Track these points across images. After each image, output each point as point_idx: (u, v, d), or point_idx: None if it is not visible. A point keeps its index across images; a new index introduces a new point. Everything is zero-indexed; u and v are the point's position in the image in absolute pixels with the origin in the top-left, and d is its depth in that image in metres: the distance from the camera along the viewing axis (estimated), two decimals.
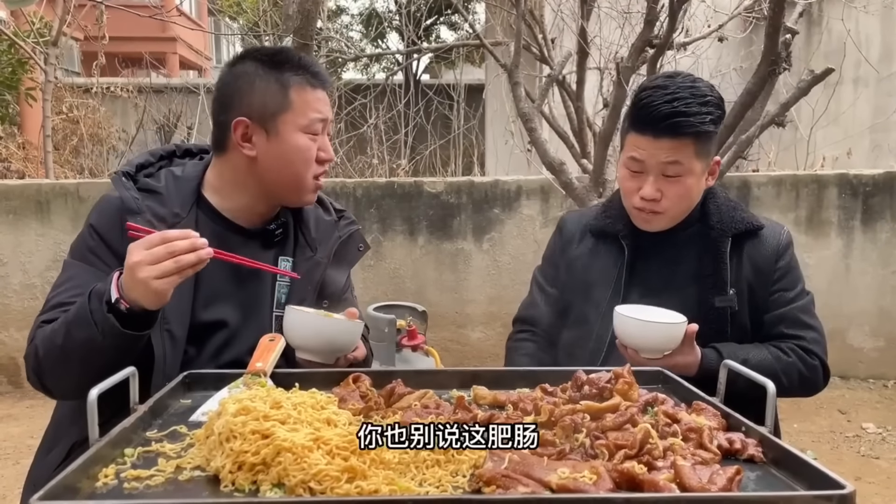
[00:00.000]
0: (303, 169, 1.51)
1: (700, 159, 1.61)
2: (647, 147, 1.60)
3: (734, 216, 1.70)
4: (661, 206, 1.64)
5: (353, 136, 6.98)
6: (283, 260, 1.60)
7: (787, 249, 1.71)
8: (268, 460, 0.88)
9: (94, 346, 1.26)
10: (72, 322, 1.30)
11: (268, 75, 1.49)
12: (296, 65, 1.50)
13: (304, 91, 1.49)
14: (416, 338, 2.59)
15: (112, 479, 0.90)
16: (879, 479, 3.35)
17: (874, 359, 4.56)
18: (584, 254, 1.78)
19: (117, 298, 1.25)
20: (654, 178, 1.62)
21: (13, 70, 7.09)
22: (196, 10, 17.88)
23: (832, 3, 5.40)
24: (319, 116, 1.50)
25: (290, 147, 1.49)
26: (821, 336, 1.69)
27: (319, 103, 1.51)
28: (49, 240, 4.32)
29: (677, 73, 1.70)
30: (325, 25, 6.86)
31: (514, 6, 3.44)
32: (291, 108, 1.48)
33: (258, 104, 1.48)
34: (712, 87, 1.65)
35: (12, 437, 3.71)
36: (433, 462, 0.94)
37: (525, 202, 4.50)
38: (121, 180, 1.48)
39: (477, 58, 10.47)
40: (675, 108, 1.56)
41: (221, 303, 1.51)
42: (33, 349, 1.37)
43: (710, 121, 1.59)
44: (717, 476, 0.89)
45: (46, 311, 1.41)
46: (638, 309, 1.52)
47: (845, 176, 4.52)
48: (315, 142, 1.51)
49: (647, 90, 1.62)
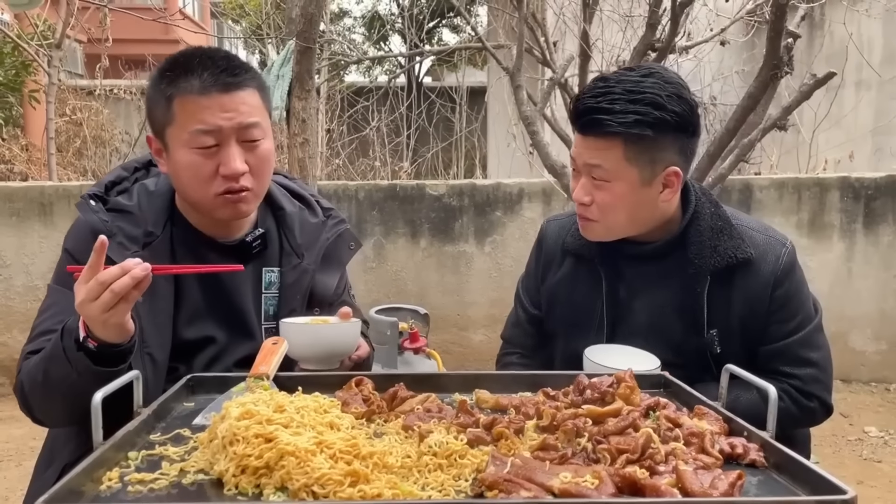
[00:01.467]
0: (194, 186, 1.37)
1: (635, 166, 1.42)
2: (577, 144, 1.47)
3: (717, 247, 1.48)
4: (591, 212, 1.49)
5: (355, 138, 7.00)
6: (267, 271, 1.52)
7: (788, 275, 1.50)
8: (271, 464, 0.89)
9: (72, 381, 1.22)
10: (48, 359, 1.26)
11: (157, 86, 1.37)
12: (186, 69, 1.34)
13: (186, 101, 1.33)
14: (418, 340, 2.58)
15: (116, 482, 0.91)
16: (881, 482, 3.34)
17: (876, 362, 4.56)
18: (564, 280, 1.65)
19: (84, 337, 1.20)
20: (585, 181, 1.48)
21: (17, 72, 7.12)
22: (199, 12, 17.93)
23: (834, 6, 5.39)
24: (202, 128, 1.32)
25: (178, 164, 1.36)
26: (822, 370, 1.51)
27: (204, 113, 1.32)
28: (52, 242, 4.33)
29: (639, 66, 1.52)
30: (327, 28, 6.87)
31: (516, 9, 3.44)
32: (174, 121, 1.34)
33: (153, 118, 1.39)
34: (673, 85, 1.42)
35: (15, 438, 3.72)
36: (436, 466, 0.94)
37: (527, 205, 4.51)
38: (87, 205, 1.40)
39: (479, 61, 10.48)
40: (599, 104, 1.40)
41: (205, 319, 1.45)
42: (20, 384, 1.34)
43: (642, 122, 1.38)
44: (719, 481, 0.89)
45: (32, 340, 1.37)
46: (609, 350, 1.43)
47: (847, 179, 4.51)
48: (209, 156, 1.34)
49: (591, 82, 1.48)
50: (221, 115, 1.33)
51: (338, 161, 6.79)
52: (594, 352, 1.43)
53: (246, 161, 1.36)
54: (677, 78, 1.47)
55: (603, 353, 1.42)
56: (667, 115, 1.40)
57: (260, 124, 1.38)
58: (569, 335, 1.62)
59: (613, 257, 1.57)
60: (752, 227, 1.56)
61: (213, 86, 1.32)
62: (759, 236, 1.53)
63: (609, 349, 1.45)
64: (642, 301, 1.56)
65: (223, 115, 1.33)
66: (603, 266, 1.58)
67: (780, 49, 2.69)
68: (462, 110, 7.44)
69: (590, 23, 3.89)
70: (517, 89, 3.45)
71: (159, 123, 1.38)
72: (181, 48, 1.48)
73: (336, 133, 7.01)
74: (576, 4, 4.35)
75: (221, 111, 1.33)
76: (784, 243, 1.53)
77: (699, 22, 4.45)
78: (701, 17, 4.45)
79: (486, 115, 7.85)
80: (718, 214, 1.54)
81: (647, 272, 1.56)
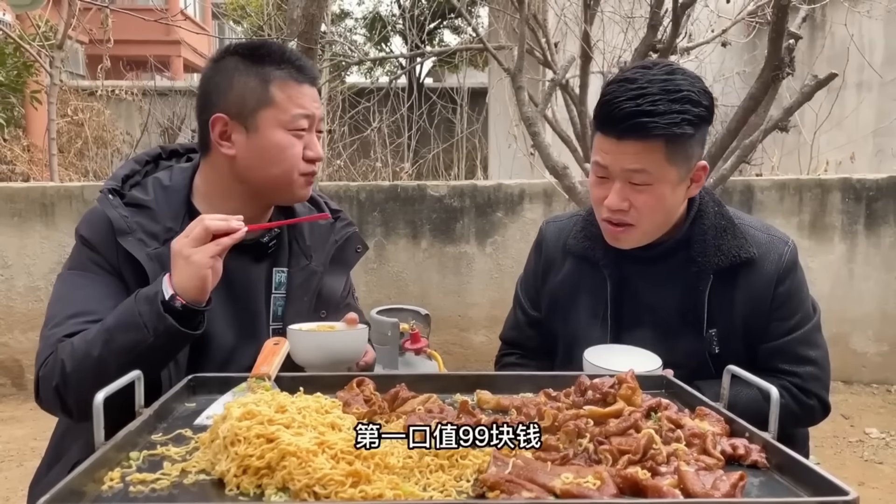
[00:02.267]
0: (287, 167, 1.44)
1: (674, 165, 1.40)
2: (611, 150, 1.41)
3: (721, 246, 1.49)
4: (630, 217, 1.45)
5: (356, 139, 7.01)
6: (277, 271, 1.54)
7: (790, 273, 1.51)
8: (272, 464, 0.89)
9: (139, 350, 1.25)
10: (114, 328, 1.27)
11: (248, 70, 1.42)
12: (278, 59, 1.43)
13: (287, 86, 1.42)
14: (419, 341, 2.57)
15: (118, 482, 0.91)
16: (883, 484, 3.34)
17: (877, 363, 4.55)
18: (566, 282, 1.63)
19: (172, 295, 1.26)
20: (621, 186, 1.42)
21: (18, 73, 7.13)
22: (200, 13, 17.94)
23: (835, 7, 5.39)
24: (303, 112, 1.43)
25: (272, 144, 1.42)
26: (821, 369, 1.53)
27: (304, 99, 1.43)
28: (53, 242, 4.34)
29: (655, 63, 1.47)
30: (328, 29, 6.87)
31: (517, 10, 3.44)
32: (273, 103, 1.41)
33: (237, 100, 1.42)
34: (696, 79, 1.42)
35: (16, 439, 3.72)
36: (437, 467, 0.94)
37: (528, 206, 4.51)
38: (107, 199, 1.42)
39: (480, 62, 10.48)
40: (640, 107, 1.35)
41: (217, 322, 1.46)
42: (59, 366, 1.29)
43: (685, 121, 1.37)
44: (721, 482, 0.89)
45: (60, 324, 1.35)
46: (610, 351, 1.41)
47: (848, 180, 4.51)
48: (300, 139, 1.44)
49: (613, 84, 1.42)
50: (313, 104, 1.46)
51: (339, 162, 6.80)
52: (594, 353, 1.41)
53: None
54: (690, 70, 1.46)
55: (603, 354, 1.40)
56: (703, 111, 1.40)
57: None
58: (571, 336, 1.61)
59: (619, 259, 1.56)
60: (754, 226, 1.56)
61: (304, 76, 1.45)
62: (761, 235, 1.54)
63: (610, 349, 1.44)
64: (646, 302, 1.55)
65: (314, 105, 1.47)
66: (608, 268, 1.57)
67: (781, 50, 2.69)
68: (463, 111, 7.45)
69: (591, 24, 3.89)
70: (518, 90, 3.45)
71: (250, 104, 1.42)
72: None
73: (337, 134, 7.02)
74: (577, 5, 4.35)
75: (311, 99, 1.46)
76: (786, 242, 1.54)
77: (700, 23, 4.46)
78: (702, 18, 4.46)
79: (487, 116, 7.86)
80: (722, 214, 1.54)
81: (651, 272, 1.55)
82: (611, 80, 1.45)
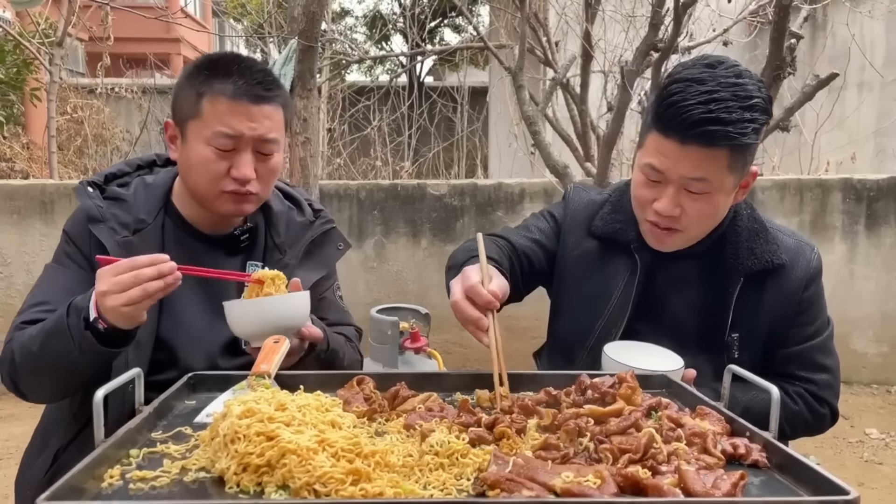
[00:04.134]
0: (203, 181, 1.43)
1: (733, 173, 1.34)
2: (671, 154, 1.32)
3: (754, 249, 1.46)
4: (680, 223, 1.39)
5: (356, 138, 7.00)
6: (251, 265, 1.56)
7: (816, 279, 1.49)
8: (273, 462, 0.88)
9: (70, 358, 1.26)
10: (49, 332, 1.29)
11: (194, 80, 1.43)
12: (225, 72, 1.40)
13: (218, 101, 1.39)
14: (418, 340, 2.58)
15: (117, 479, 0.91)
16: (882, 484, 3.34)
17: (878, 364, 4.55)
18: (588, 259, 1.57)
19: (95, 318, 1.24)
20: (675, 192, 1.35)
21: (18, 70, 7.13)
22: (200, 11, 17.93)
23: (837, 7, 5.39)
24: (225, 131, 1.39)
25: (193, 155, 1.43)
26: (834, 377, 1.52)
27: (231, 118, 1.39)
28: (53, 240, 4.30)
29: (718, 62, 1.34)
30: (329, 27, 6.87)
31: (518, 9, 3.44)
32: (199, 116, 1.41)
33: (178, 107, 1.46)
34: (760, 83, 1.33)
35: (15, 436, 3.72)
36: (437, 465, 0.94)
37: (528, 205, 4.51)
38: (84, 190, 1.48)
39: (481, 60, 10.48)
40: (712, 113, 1.27)
41: (186, 307, 1.48)
42: (10, 353, 1.35)
43: (754, 130, 1.30)
44: (722, 481, 0.89)
45: (24, 311, 1.41)
46: (630, 348, 1.38)
47: (849, 180, 4.51)
48: (224, 157, 1.41)
49: (679, 82, 1.31)
50: (246, 123, 1.40)
51: (339, 160, 6.80)
52: (615, 349, 1.37)
53: (255, 168, 1.44)
54: (751, 71, 1.38)
55: (624, 351, 1.36)
56: (768, 118, 1.35)
57: (277, 140, 1.46)
58: (580, 313, 1.56)
59: (652, 249, 1.51)
60: (783, 231, 1.55)
61: (245, 94, 1.40)
62: (790, 240, 1.52)
63: (631, 346, 1.40)
64: (671, 296, 1.51)
65: (247, 125, 1.40)
66: (640, 253, 1.51)
67: (782, 50, 2.69)
68: (463, 110, 7.45)
69: (592, 23, 3.89)
70: (519, 89, 3.45)
71: (184, 113, 1.44)
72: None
73: (337, 132, 7.02)
74: (578, 4, 4.35)
75: (247, 120, 1.40)
76: (813, 247, 1.53)
77: (702, 22, 4.46)
78: (703, 17, 4.45)
79: (487, 114, 7.86)
80: (754, 217, 1.52)
81: (681, 268, 1.51)
82: (674, 77, 1.34)
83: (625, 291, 1.52)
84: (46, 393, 1.42)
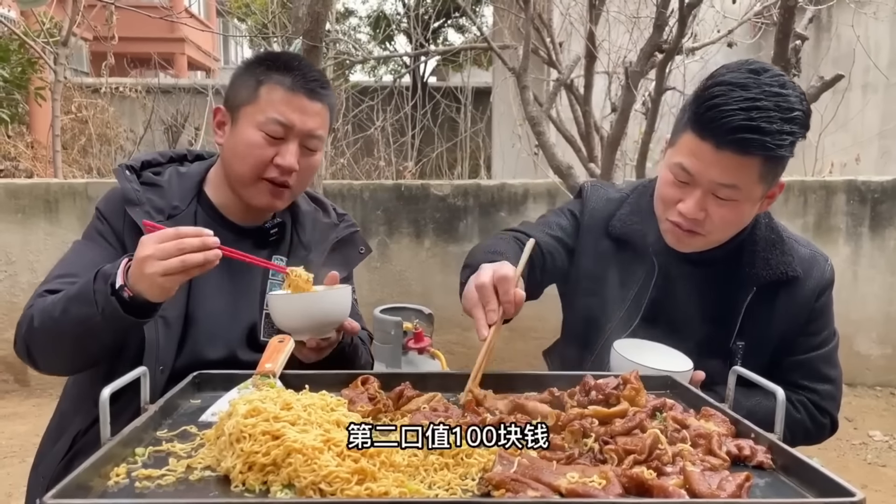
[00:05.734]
0: (248, 165, 1.47)
1: (764, 183, 1.33)
2: (704, 157, 1.30)
3: (769, 260, 1.45)
4: (703, 227, 1.38)
5: (360, 138, 7.01)
6: (277, 258, 1.60)
7: (828, 289, 1.51)
8: (278, 461, 0.89)
9: (91, 324, 1.27)
10: (73, 297, 1.31)
11: (252, 68, 1.51)
12: (285, 67, 1.48)
13: (275, 90, 1.47)
14: (422, 340, 2.57)
15: (123, 478, 0.91)
16: (886, 486, 3.33)
17: (881, 366, 4.54)
18: (605, 259, 1.56)
19: (121, 285, 1.25)
20: (702, 195, 1.34)
21: (23, 69, 7.15)
22: (205, 11, 17.96)
23: (841, 9, 5.38)
24: (279, 118, 1.45)
25: (241, 139, 1.48)
26: (837, 388, 1.53)
27: (286, 107, 1.46)
28: (57, 239, 4.34)
29: (763, 69, 1.30)
30: (333, 27, 6.87)
31: (522, 10, 3.44)
32: (255, 101, 1.47)
33: (233, 93, 1.52)
34: (802, 95, 1.31)
35: (18, 435, 3.73)
36: (442, 465, 0.94)
37: (532, 205, 4.50)
38: (123, 172, 1.52)
39: (484, 61, 10.48)
40: (753, 121, 1.24)
41: (213, 293, 1.51)
42: (29, 316, 1.37)
43: (792, 143, 1.28)
44: (727, 482, 0.89)
45: (48, 282, 1.43)
46: (640, 347, 1.38)
47: (853, 182, 4.50)
48: (272, 144, 1.47)
49: (721, 85, 1.28)
50: (299, 115, 1.47)
51: (342, 160, 6.80)
52: (624, 346, 1.37)
53: (298, 161, 1.49)
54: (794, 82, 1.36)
55: (633, 349, 1.36)
56: (807, 129, 1.32)
57: (322, 138, 1.54)
58: (594, 313, 1.56)
59: (669, 250, 1.50)
60: (798, 241, 1.55)
61: (302, 88, 1.47)
62: (804, 251, 1.52)
63: (641, 345, 1.40)
64: (682, 300, 1.51)
65: (300, 117, 1.47)
66: (658, 256, 1.51)
67: (787, 51, 2.69)
68: (467, 110, 7.45)
69: (596, 24, 3.89)
70: (523, 90, 3.45)
71: (239, 99, 1.50)
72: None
73: (341, 132, 7.02)
74: (582, 5, 4.35)
75: (300, 112, 1.47)
76: (827, 259, 1.54)
77: (706, 23, 4.45)
78: (708, 18, 4.45)
79: (491, 115, 7.85)
80: (772, 226, 1.51)
81: (694, 274, 1.50)
82: (716, 79, 1.31)
83: (639, 294, 1.52)
84: (59, 362, 1.43)
